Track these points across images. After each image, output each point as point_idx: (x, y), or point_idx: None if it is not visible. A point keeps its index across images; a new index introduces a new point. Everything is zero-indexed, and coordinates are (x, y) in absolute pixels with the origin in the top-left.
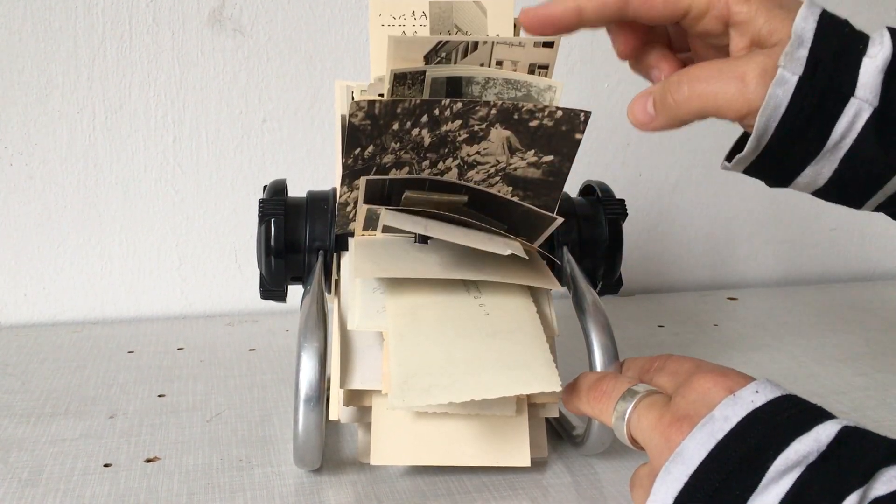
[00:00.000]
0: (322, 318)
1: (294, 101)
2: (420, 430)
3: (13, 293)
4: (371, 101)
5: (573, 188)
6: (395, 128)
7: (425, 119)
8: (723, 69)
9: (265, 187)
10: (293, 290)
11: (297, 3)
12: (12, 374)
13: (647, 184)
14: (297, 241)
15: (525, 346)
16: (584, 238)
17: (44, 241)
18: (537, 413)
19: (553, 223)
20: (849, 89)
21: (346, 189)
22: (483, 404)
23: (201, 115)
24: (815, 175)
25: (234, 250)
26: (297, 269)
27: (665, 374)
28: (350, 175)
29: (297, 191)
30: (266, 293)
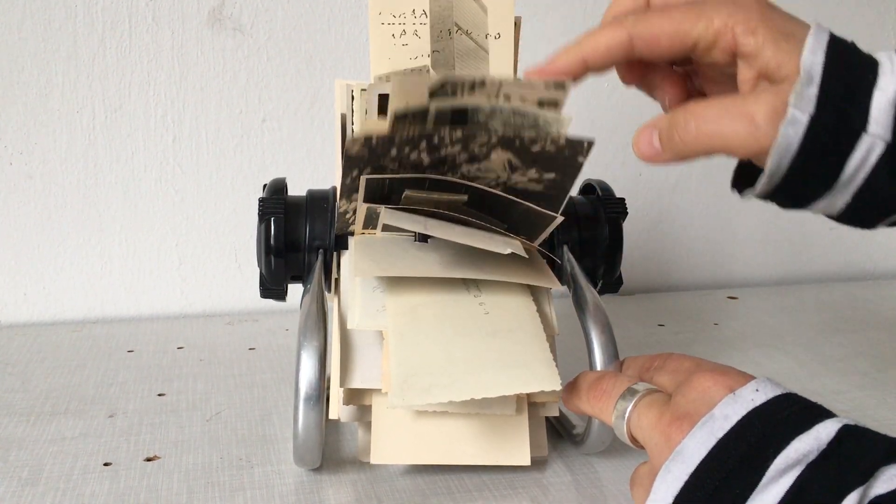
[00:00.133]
0: (322, 317)
1: (294, 101)
2: (420, 429)
3: (13, 293)
4: (368, 137)
5: (573, 187)
6: (394, 154)
7: (424, 145)
8: (731, 109)
9: (265, 186)
10: (293, 289)
11: (297, 2)
12: (12, 373)
13: (647, 183)
14: (297, 240)
15: (525, 346)
16: (584, 237)
17: (44, 240)
18: (537, 412)
19: (553, 222)
20: (861, 125)
21: (345, 201)
22: (483, 403)
23: (201, 114)
24: (827, 205)
25: (234, 249)
26: (296, 267)
27: (665, 372)
28: (348, 191)
29: (296, 190)
30: (266, 292)
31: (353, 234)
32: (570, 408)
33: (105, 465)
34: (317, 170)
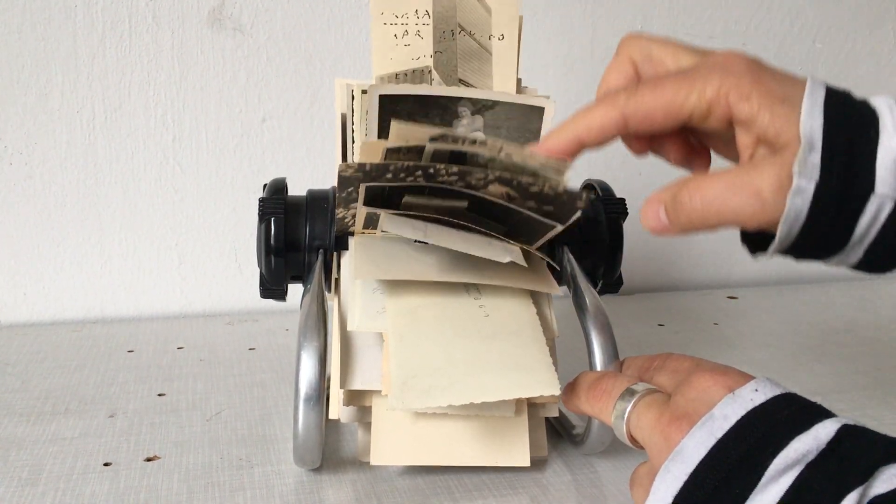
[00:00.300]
0: (322, 317)
1: (294, 100)
2: (420, 431)
3: (13, 292)
4: (362, 164)
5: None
6: (389, 177)
7: (420, 173)
8: (735, 183)
9: (265, 186)
10: (293, 289)
11: (297, 2)
12: (12, 373)
13: (647, 183)
14: (297, 240)
15: (525, 349)
16: (584, 237)
17: (43, 240)
18: (537, 413)
19: (553, 230)
20: (867, 187)
21: (343, 209)
22: (483, 405)
23: (201, 114)
24: (841, 260)
25: (234, 249)
26: (297, 267)
27: (665, 372)
28: (345, 202)
29: (296, 189)
30: (266, 292)
31: (353, 234)
32: (569, 408)
33: (105, 465)
34: (317, 169)
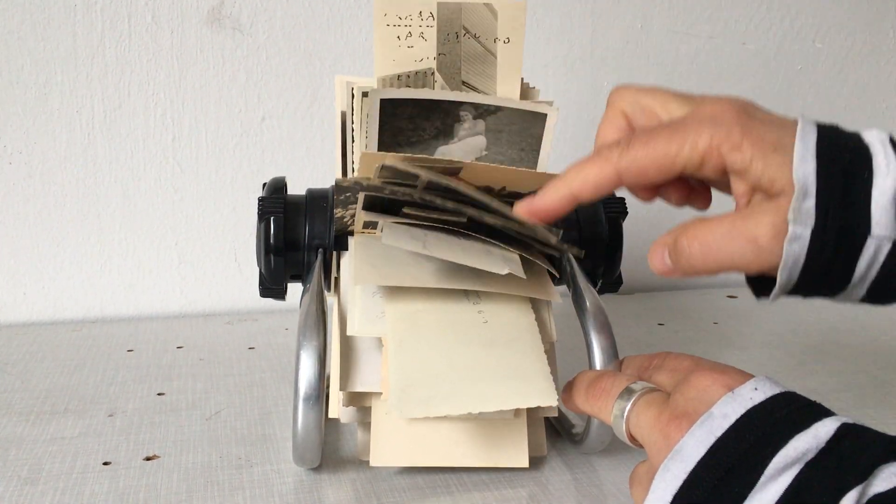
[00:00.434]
0: (321, 316)
1: (293, 100)
2: (419, 432)
3: (12, 292)
4: (359, 181)
5: None
6: (387, 193)
7: (417, 198)
8: (733, 231)
9: (264, 185)
10: (292, 289)
11: (296, 1)
12: (12, 372)
13: None
14: (297, 239)
15: (523, 358)
16: (584, 237)
17: (43, 239)
18: (536, 413)
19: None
20: (864, 230)
21: (341, 209)
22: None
23: (200, 113)
24: (845, 298)
25: (234, 249)
26: (296, 267)
27: (664, 371)
28: (343, 204)
29: (296, 188)
30: (265, 291)
31: (352, 233)
32: (569, 407)
33: (105, 464)
34: (316, 168)
